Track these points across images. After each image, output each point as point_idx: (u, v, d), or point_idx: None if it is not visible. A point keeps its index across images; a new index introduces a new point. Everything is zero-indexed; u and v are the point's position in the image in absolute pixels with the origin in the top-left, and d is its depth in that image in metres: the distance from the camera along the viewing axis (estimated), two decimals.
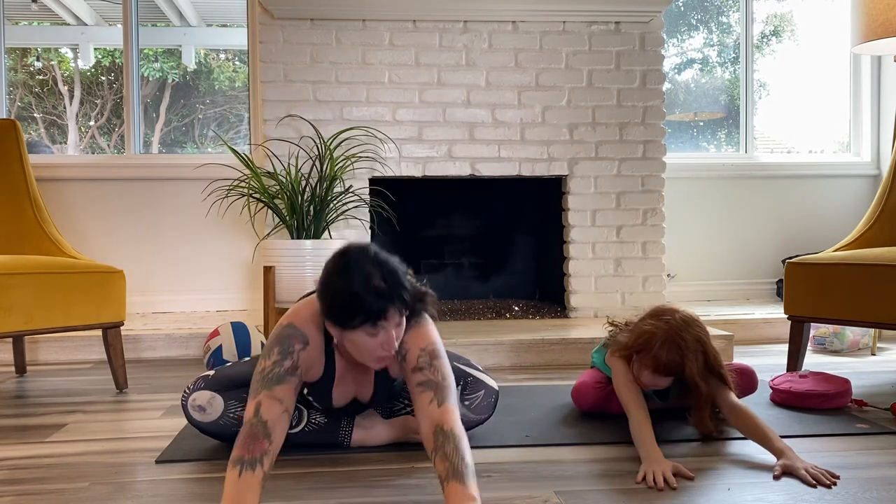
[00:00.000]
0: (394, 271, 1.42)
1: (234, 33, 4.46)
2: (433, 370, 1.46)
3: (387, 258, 1.44)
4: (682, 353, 1.72)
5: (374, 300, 1.37)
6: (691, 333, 1.74)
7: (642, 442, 1.63)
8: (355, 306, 1.38)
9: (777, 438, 1.63)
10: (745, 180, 4.12)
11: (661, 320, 1.77)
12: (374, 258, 1.41)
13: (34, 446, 1.82)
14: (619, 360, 1.85)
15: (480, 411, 1.80)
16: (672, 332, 1.73)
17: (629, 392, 1.78)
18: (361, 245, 1.45)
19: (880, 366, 2.75)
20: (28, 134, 4.19)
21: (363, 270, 1.39)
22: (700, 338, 1.75)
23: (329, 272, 1.43)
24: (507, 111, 3.41)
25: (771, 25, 4.43)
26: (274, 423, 1.34)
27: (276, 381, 1.40)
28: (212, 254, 3.77)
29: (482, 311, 3.51)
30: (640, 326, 1.80)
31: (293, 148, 3.31)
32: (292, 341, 1.47)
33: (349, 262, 1.40)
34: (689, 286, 4.07)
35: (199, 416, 1.70)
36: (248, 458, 1.28)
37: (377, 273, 1.39)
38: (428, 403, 1.41)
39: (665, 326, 1.75)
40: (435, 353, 1.50)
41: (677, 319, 1.76)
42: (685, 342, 1.72)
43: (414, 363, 1.48)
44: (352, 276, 1.38)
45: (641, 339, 1.77)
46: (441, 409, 1.40)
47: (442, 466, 1.29)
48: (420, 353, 1.49)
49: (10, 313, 2.14)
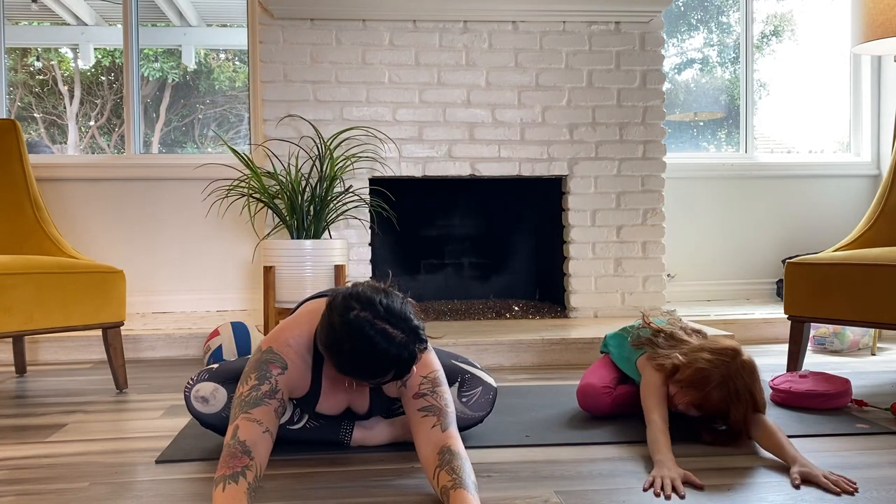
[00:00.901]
0: (404, 317, 1.39)
1: (234, 33, 4.46)
2: (436, 396, 1.47)
3: (390, 303, 1.39)
4: (731, 401, 1.68)
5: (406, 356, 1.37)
6: (744, 382, 1.68)
7: (658, 446, 1.61)
8: (388, 366, 1.37)
9: (791, 445, 1.61)
10: (745, 180, 4.12)
11: (722, 361, 1.70)
12: (383, 310, 1.37)
13: (34, 446, 1.81)
14: (656, 372, 1.81)
15: (478, 408, 1.79)
16: (728, 379, 1.68)
17: (657, 401, 1.74)
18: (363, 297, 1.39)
19: (880, 366, 2.75)
20: (28, 134, 4.19)
21: (382, 331, 1.35)
22: (751, 388, 1.69)
23: (340, 338, 1.37)
24: (507, 111, 3.41)
25: (771, 25, 4.43)
26: (253, 443, 1.32)
27: (253, 405, 1.38)
28: (212, 254, 3.77)
29: (482, 311, 3.51)
30: (698, 357, 1.73)
31: (293, 148, 3.31)
32: (269, 367, 1.45)
33: (362, 326, 1.35)
34: (689, 286, 4.07)
35: (201, 408, 1.70)
36: (228, 473, 1.26)
37: (395, 327, 1.36)
38: (431, 428, 1.42)
39: (724, 370, 1.69)
40: (437, 380, 1.50)
41: (737, 363, 1.70)
42: (738, 391, 1.67)
43: (416, 390, 1.48)
44: (373, 340, 1.35)
45: (696, 376, 1.70)
46: (445, 434, 1.41)
47: (448, 478, 1.30)
48: (422, 380, 1.49)
49: (10, 313, 2.14)
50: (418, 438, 1.43)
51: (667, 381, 1.78)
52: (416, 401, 1.46)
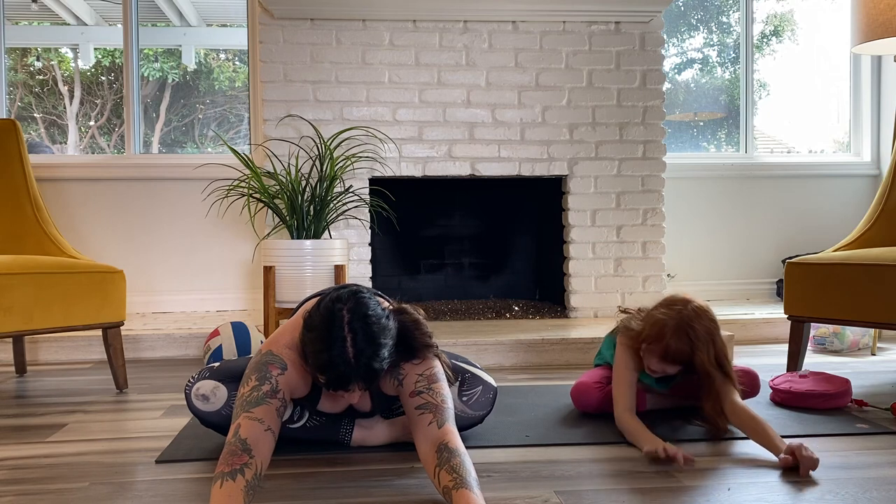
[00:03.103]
0: (370, 350, 1.37)
1: (234, 33, 4.46)
2: (432, 393, 1.46)
3: (374, 330, 1.38)
4: (692, 343, 1.75)
5: (337, 376, 1.36)
6: (702, 324, 1.76)
7: (632, 427, 1.74)
8: (322, 369, 1.37)
9: (777, 437, 1.65)
10: (745, 180, 4.12)
11: (673, 310, 1.79)
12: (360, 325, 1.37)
13: (34, 446, 1.82)
14: (626, 348, 1.88)
15: (478, 407, 1.79)
16: (683, 322, 1.76)
17: (624, 389, 1.85)
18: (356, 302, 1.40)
19: (880, 366, 2.75)
20: (28, 134, 4.19)
21: (342, 340, 1.35)
22: (710, 329, 1.77)
23: (314, 323, 1.39)
24: (507, 111, 3.41)
25: (771, 25, 4.43)
26: (254, 441, 1.32)
27: (255, 404, 1.38)
28: (212, 254, 3.77)
29: (482, 311, 3.51)
30: (653, 315, 1.82)
31: (293, 148, 3.31)
32: (269, 367, 1.46)
33: (333, 323, 1.37)
34: (689, 286, 4.07)
35: (202, 406, 1.70)
36: (227, 470, 1.26)
37: (355, 349, 1.36)
38: (427, 425, 1.41)
39: (676, 316, 1.77)
40: (433, 377, 1.50)
41: (689, 310, 1.78)
42: (695, 332, 1.75)
43: (412, 388, 1.48)
44: (332, 341, 1.35)
45: (654, 329, 1.79)
46: (442, 430, 1.40)
47: (449, 478, 1.30)
48: (418, 378, 1.49)
49: (10, 313, 2.14)
50: (417, 436, 1.43)
51: (636, 353, 1.87)
52: (413, 399, 1.46)
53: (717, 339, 1.78)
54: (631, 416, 1.79)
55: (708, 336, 1.76)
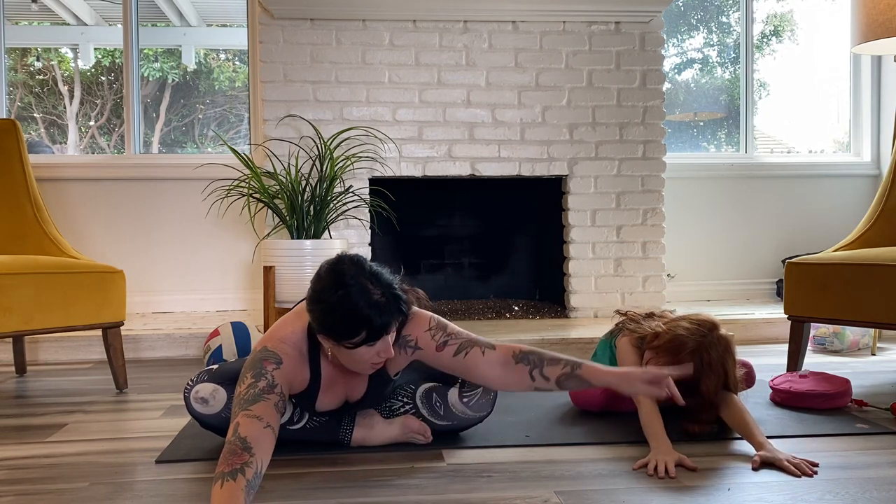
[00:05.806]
0: (389, 284, 1.43)
1: (234, 33, 4.46)
2: (456, 336, 1.52)
3: (379, 270, 1.44)
4: (703, 370, 1.71)
5: (376, 316, 1.38)
6: (719, 354, 1.72)
7: (653, 432, 1.67)
8: (357, 322, 1.38)
9: (759, 432, 1.67)
10: (745, 180, 4.12)
11: (698, 332, 1.74)
12: (369, 272, 1.42)
13: (34, 446, 1.82)
14: (630, 344, 1.87)
15: (479, 408, 1.79)
16: (703, 348, 1.72)
17: None
18: (353, 257, 1.45)
19: (880, 366, 2.75)
20: (28, 134, 4.19)
21: (361, 285, 1.39)
22: (725, 361, 1.73)
23: (323, 286, 1.41)
24: (507, 111, 3.41)
25: (771, 25, 4.43)
26: (254, 438, 1.31)
27: (252, 401, 1.38)
28: (212, 254, 3.77)
29: (482, 311, 3.51)
30: (677, 325, 1.78)
31: (293, 148, 3.31)
32: (264, 364, 1.46)
33: (344, 276, 1.39)
34: (689, 286, 4.07)
35: (201, 408, 1.69)
36: (227, 470, 1.26)
37: (376, 288, 1.40)
38: (482, 355, 1.48)
39: (699, 339, 1.73)
40: (441, 323, 1.55)
41: (713, 336, 1.74)
42: (711, 362, 1.71)
43: (433, 344, 1.52)
44: (349, 291, 1.38)
45: (672, 343, 1.74)
46: (499, 348, 1.48)
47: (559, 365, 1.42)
48: (431, 332, 1.54)
49: (10, 313, 2.14)
50: (479, 373, 1.48)
51: (641, 348, 1.84)
52: (443, 352, 1.49)
53: (730, 371, 1.74)
54: (657, 419, 1.70)
55: (721, 368, 1.72)
